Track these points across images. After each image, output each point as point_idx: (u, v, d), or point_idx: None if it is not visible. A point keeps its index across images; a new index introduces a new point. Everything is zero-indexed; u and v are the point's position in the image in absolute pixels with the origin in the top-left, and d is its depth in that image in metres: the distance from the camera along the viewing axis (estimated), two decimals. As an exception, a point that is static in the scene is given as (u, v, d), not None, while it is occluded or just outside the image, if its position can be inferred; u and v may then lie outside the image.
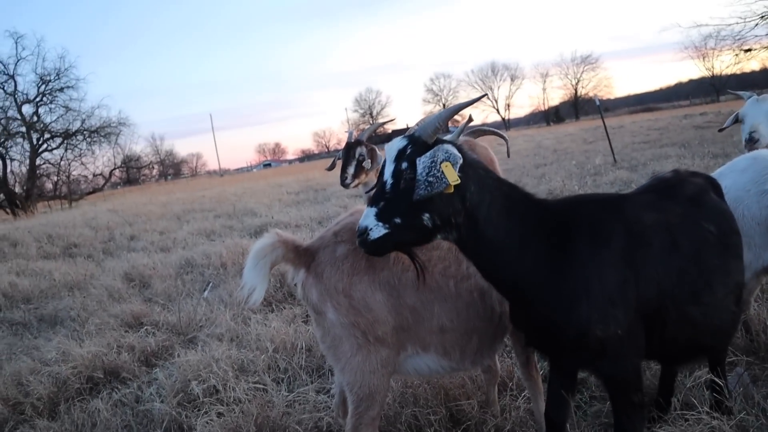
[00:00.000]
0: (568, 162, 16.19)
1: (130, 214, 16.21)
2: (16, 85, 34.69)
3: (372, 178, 4.74)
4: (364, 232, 2.11)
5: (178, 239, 10.41)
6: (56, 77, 35.55)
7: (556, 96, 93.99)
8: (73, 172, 37.76)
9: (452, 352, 2.55)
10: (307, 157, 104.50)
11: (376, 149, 4.80)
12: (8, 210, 33.26)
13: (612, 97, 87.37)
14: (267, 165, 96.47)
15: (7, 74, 34.32)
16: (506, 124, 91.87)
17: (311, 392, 3.45)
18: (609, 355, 2.17)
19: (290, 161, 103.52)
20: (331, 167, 5.18)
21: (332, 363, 2.53)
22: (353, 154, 4.64)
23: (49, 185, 37.57)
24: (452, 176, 2.03)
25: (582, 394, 3.20)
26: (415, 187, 2.05)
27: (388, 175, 2.15)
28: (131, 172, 50.54)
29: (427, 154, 2.09)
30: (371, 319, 2.40)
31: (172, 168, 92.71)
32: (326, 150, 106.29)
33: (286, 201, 15.76)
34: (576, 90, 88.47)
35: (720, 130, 5.37)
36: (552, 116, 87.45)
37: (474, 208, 2.16)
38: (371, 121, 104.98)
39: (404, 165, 2.12)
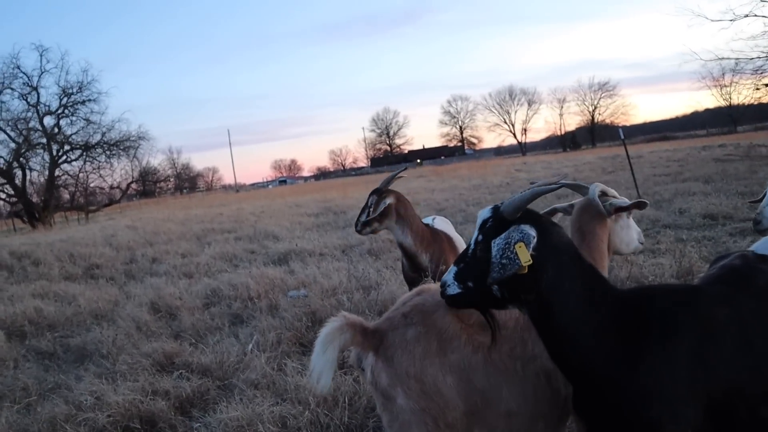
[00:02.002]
0: (590, 193, 15.99)
1: (149, 232, 16.22)
2: (39, 97, 35.24)
3: (390, 225, 4.76)
4: (443, 285, 2.22)
5: (200, 264, 10.34)
6: (78, 90, 36.07)
7: (573, 122, 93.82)
8: (91, 184, 38.12)
9: None
10: (322, 174, 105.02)
11: (387, 197, 4.78)
12: (25, 219, 33.61)
13: (628, 124, 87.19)
14: (282, 182, 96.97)
15: (31, 86, 34.87)
16: (522, 148, 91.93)
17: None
18: None
19: (306, 178, 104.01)
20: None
21: (399, 449, 2.42)
22: (367, 204, 4.79)
23: (66, 196, 37.92)
24: (524, 257, 2.01)
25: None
26: (489, 269, 2.06)
27: (472, 240, 2.22)
28: (147, 185, 50.88)
29: (503, 235, 2.09)
30: (442, 404, 2.30)
31: (187, 181, 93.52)
32: (342, 168, 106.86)
33: (307, 224, 15.68)
34: (593, 116, 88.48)
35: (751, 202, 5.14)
36: (568, 142, 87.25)
37: (549, 292, 2.10)
38: (387, 141, 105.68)
39: (480, 237, 2.17)
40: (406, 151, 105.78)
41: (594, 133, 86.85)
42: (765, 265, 2.49)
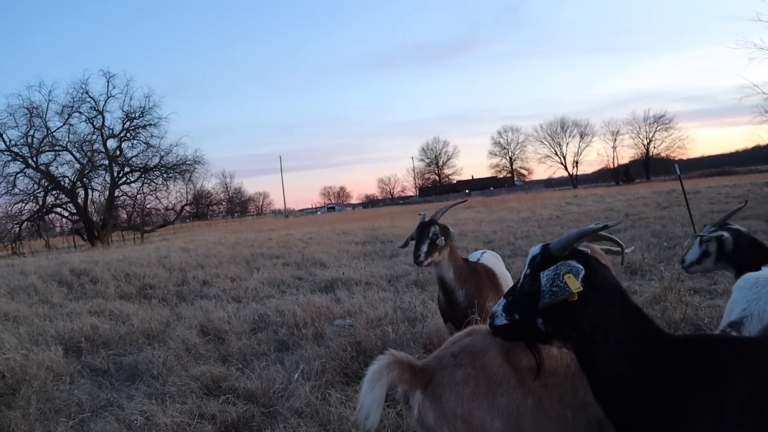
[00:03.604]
0: (643, 229, 15.56)
1: (201, 255, 16.61)
2: (104, 121, 37.12)
3: (445, 256, 4.71)
4: (492, 315, 2.37)
5: (249, 289, 10.52)
6: (140, 115, 37.81)
7: (626, 155, 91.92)
8: (147, 205, 39.52)
9: None
10: (370, 202, 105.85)
11: (449, 228, 4.79)
12: (85, 237, 34.98)
13: (685, 158, 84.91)
14: (331, 208, 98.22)
15: (97, 110, 36.70)
16: (573, 181, 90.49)
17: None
18: None
19: (354, 206, 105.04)
20: (405, 245, 5.21)
21: (442, 489, 2.40)
22: (427, 233, 4.68)
23: (123, 216, 39.39)
24: (575, 285, 2.11)
25: None
26: (540, 297, 2.17)
27: (522, 275, 2.35)
28: (201, 208, 52.26)
29: (552, 267, 2.20)
30: None
31: (239, 205, 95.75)
32: (390, 197, 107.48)
33: (354, 252, 15.78)
34: (648, 150, 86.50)
35: None
36: (622, 175, 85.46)
37: (592, 329, 2.13)
38: (436, 171, 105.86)
39: (528, 271, 2.30)
40: (454, 181, 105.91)
41: (648, 167, 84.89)
42: None
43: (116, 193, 37.13)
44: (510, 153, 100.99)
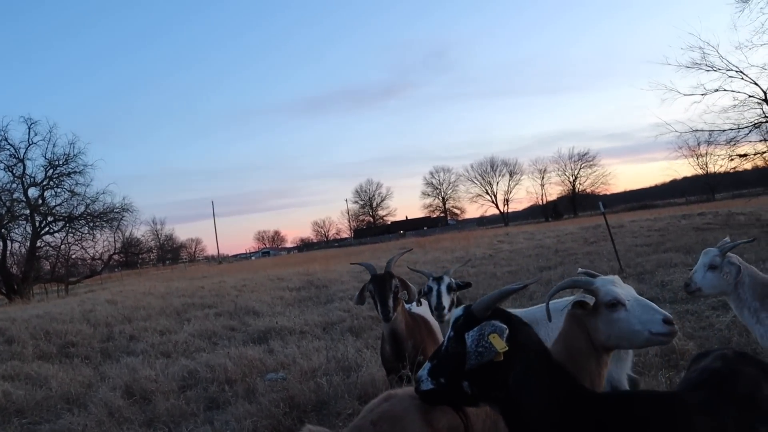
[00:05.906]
0: (571, 265, 16.02)
1: (128, 307, 15.95)
2: (24, 169, 35.37)
3: (399, 310, 4.60)
4: (418, 380, 2.31)
5: (179, 342, 10.16)
6: (64, 162, 36.30)
7: (554, 192, 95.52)
8: (72, 256, 37.74)
9: None
10: (305, 246, 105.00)
11: (407, 281, 4.71)
12: (3, 291, 32.93)
13: (609, 193, 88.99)
14: (266, 253, 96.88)
15: (17, 158, 35.02)
16: (505, 218, 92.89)
17: None
18: None
19: (289, 250, 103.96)
20: (361, 301, 4.97)
21: None
22: (389, 287, 4.53)
23: (46, 267, 37.46)
24: (500, 344, 2.11)
25: None
26: (466, 359, 2.15)
27: (446, 338, 2.33)
28: (130, 257, 50.42)
29: (476, 328, 2.19)
30: None
31: (170, 252, 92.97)
32: (325, 239, 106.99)
33: (288, 299, 15.55)
34: (574, 186, 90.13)
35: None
36: (550, 212, 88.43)
37: (517, 389, 2.14)
38: (371, 212, 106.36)
39: (452, 333, 2.28)
40: (389, 222, 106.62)
41: (575, 203, 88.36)
42: (746, 365, 2.47)
43: (38, 244, 35.24)
44: (442, 193, 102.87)
